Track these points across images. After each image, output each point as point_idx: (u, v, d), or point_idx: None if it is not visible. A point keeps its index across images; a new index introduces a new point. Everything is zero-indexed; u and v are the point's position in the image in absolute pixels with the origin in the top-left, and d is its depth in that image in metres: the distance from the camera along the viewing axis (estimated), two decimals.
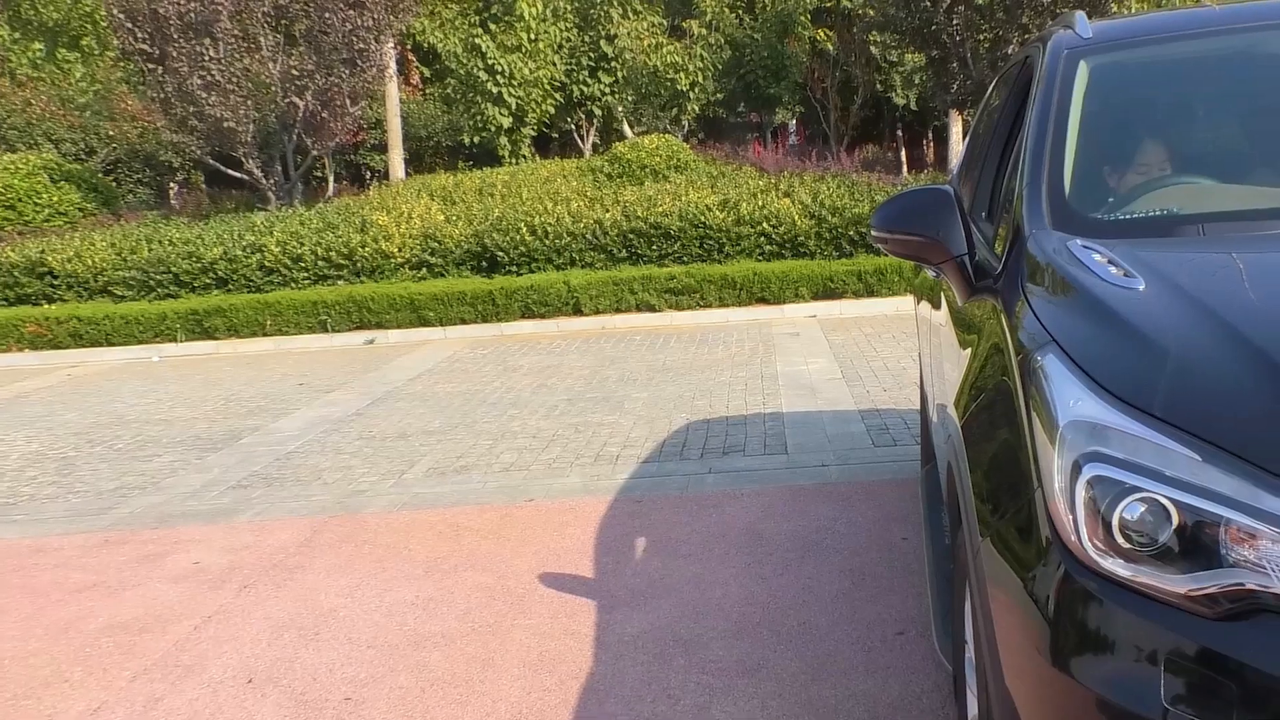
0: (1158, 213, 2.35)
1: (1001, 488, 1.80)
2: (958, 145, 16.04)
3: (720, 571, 3.97)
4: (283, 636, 3.69)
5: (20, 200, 15.10)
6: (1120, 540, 1.46)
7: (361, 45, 14.60)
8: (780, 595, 3.70)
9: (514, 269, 11.57)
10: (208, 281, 11.78)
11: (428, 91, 23.47)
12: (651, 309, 10.96)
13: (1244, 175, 2.52)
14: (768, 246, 11.35)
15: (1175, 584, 1.42)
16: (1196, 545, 1.43)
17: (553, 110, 18.98)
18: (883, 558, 4.00)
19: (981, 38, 12.80)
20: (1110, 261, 1.99)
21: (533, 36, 18.12)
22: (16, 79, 21.60)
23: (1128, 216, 2.37)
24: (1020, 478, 1.69)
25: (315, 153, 15.64)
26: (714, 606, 3.66)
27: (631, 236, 11.53)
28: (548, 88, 18.48)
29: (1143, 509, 1.46)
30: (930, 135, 23.58)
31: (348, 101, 14.96)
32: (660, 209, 11.62)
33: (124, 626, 3.89)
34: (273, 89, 14.54)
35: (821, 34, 20.04)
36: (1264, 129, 2.63)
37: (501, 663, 3.36)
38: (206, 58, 13.76)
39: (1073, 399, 1.61)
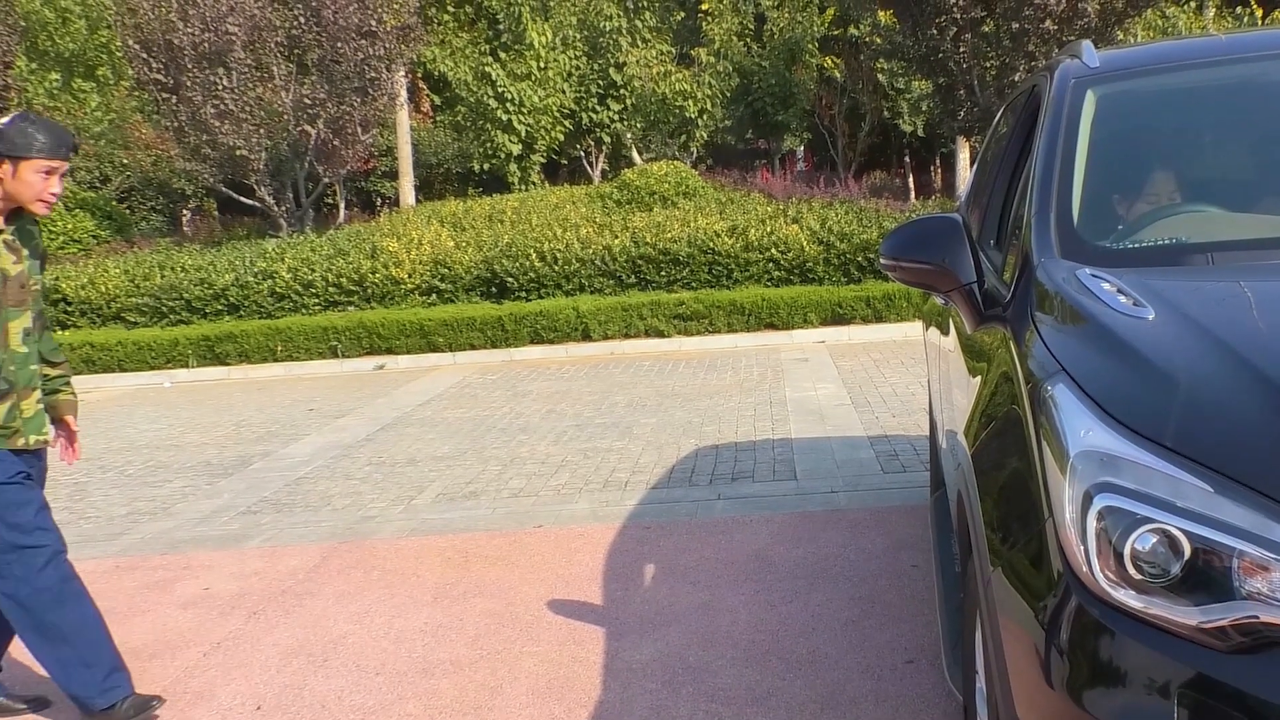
0: (1166, 241, 2.35)
1: (1012, 517, 1.80)
2: (965, 172, 16.08)
3: (729, 598, 3.96)
4: (292, 663, 3.68)
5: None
6: (1132, 571, 1.46)
7: (373, 74, 14.72)
8: (789, 623, 3.69)
9: (523, 295, 11.60)
10: (219, 308, 11.84)
11: (438, 119, 23.63)
12: (660, 335, 10.98)
13: (1252, 204, 2.52)
14: (776, 272, 11.38)
15: (1187, 616, 1.41)
16: (1208, 577, 1.42)
17: (562, 137, 19.09)
18: (892, 585, 3.98)
19: (988, 65, 12.85)
20: (1119, 290, 1.99)
21: (542, 64, 18.25)
22: (33, 108, 21.82)
23: (1136, 245, 2.37)
24: (1031, 507, 1.69)
25: (326, 180, 15.74)
26: (723, 634, 3.64)
27: (640, 262, 11.57)
28: (557, 115, 18.59)
29: (1154, 540, 1.45)
30: (938, 162, 23.64)
31: (359, 129, 15.06)
32: (669, 235, 11.66)
33: (134, 652, 3.88)
34: (285, 117, 14.65)
35: (829, 62, 20.14)
36: (1272, 157, 2.64)
37: (510, 690, 3.35)
38: (220, 87, 13.89)
39: (1083, 429, 1.61)
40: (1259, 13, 17.92)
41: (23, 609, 3.17)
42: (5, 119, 3.09)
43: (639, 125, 19.13)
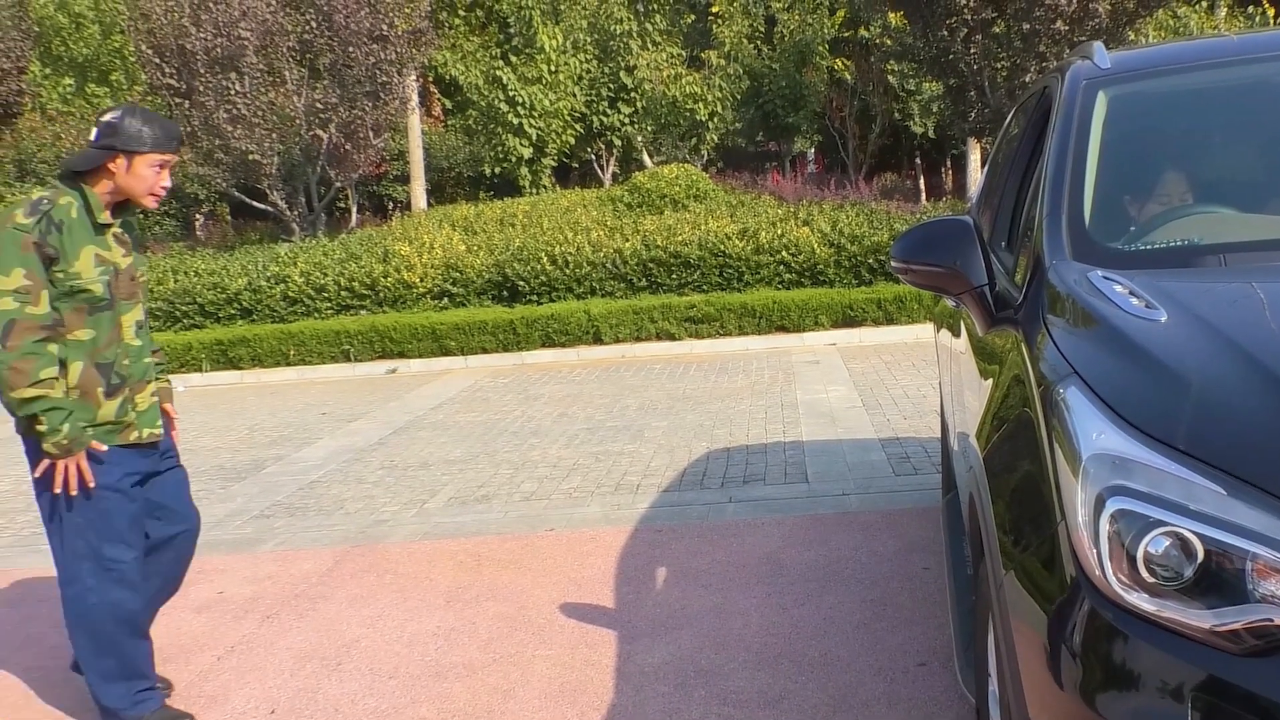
0: (1178, 243, 2.35)
1: (1024, 520, 1.80)
2: (976, 173, 16.04)
3: (741, 601, 3.96)
4: (305, 667, 3.70)
5: None
6: (1145, 574, 1.45)
7: (384, 78, 14.78)
8: (801, 625, 3.68)
9: (535, 298, 11.62)
10: (232, 312, 11.89)
11: (449, 123, 23.69)
12: (671, 338, 10.98)
13: (1265, 205, 2.51)
14: (787, 275, 11.37)
15: (1200, 619, 1.41)
16: (1222, 580, 1.42)
17: (573, 141, 19.11)
18: (904, 588, 3.97)
19: (999, 66, 12.82)
20: (1131, 292, 1.99)
21: (553, 68, 18.28)
22: (47, 114, 21.95)
23: (1148, 247, 2.37)
24: (1043, 510, 1.68)
25: (338, 184, 15.80)
26: (735, 637, 3.64)
27: (651, 265, 11.57)
28: (568, 118, 18.62)
29: (1167, 543, 1.45)
30: (949, 163, 23.57)
31: (371, 134, 15.12)
32: (680, 238, 11.66)
33: None
34: (297, 122, 14.71)
35: (839, 64, 20.11)
36: None
37: (523, 694, 3.36)
38: (232, 92, 13.96)
39: (1095, 432, 1.61)
40: (1271, 12, 17.83)
41: (83, 614, 3.18)
42: (113, 113, 3.09)
43: (649, 128, 19.14)
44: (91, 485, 3.04)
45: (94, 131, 3.09)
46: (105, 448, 3.08)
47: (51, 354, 2.97)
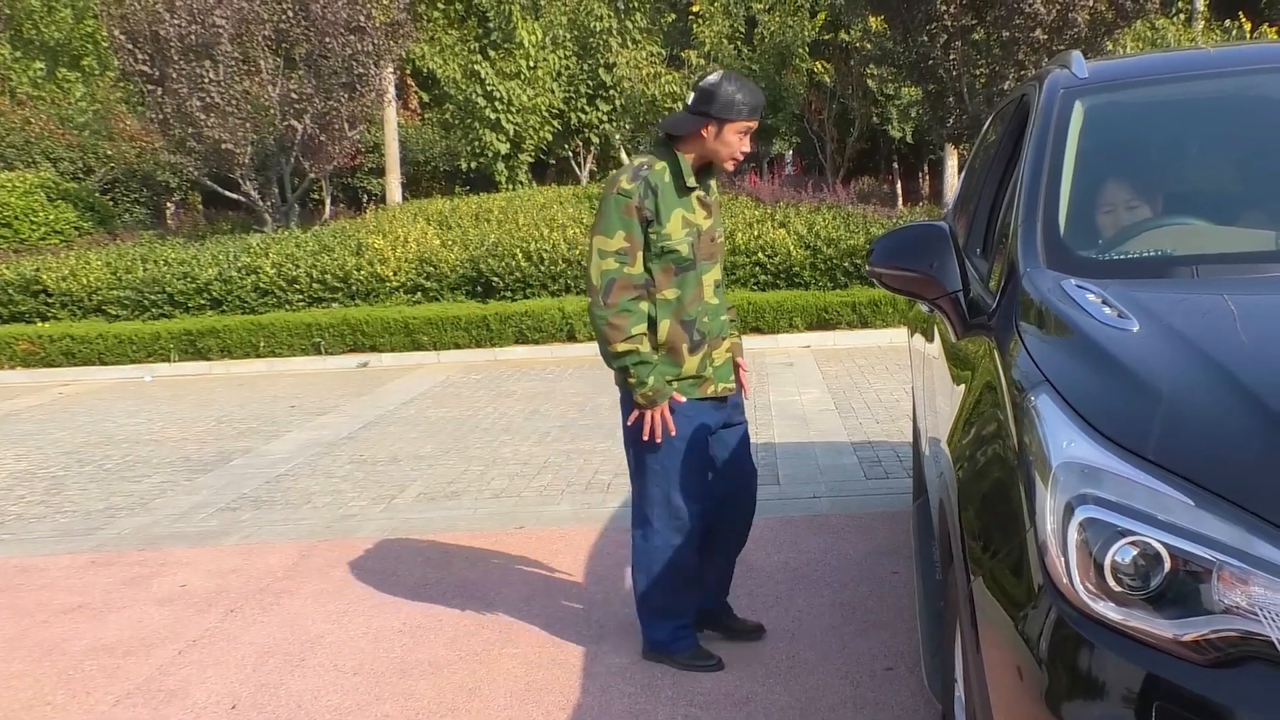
0: (1152, 253, 2.36)
1: (993, 527, 1.80)
2: (953, 179, 16.13)
3: None
4: (268, 662, 3.66)
5: (16, 218, 15.10)
6: (1112, 583, 1.46)
7: (361, 70, 14.66)
8: (770, 627, 3.68)
9: (509, 294, 11.57)
10: (202, 302, 11.76)
11: (426, 116, 23.58)
12: None
13: (1238, 217, 2.53)
14: (763, 276, 11.38)
15: (1166, 629, 1.41)
16: (1188, 590, 1.42)
17: (550, 137, 19.07)
18: (873, 592, 3.98)
19: (978, 73, 12.89)
20: (1104, 302, 2.00)
21: (532, 64, 18.23)
22: (16, 97, 21.66)
23: (1122, 257, 2.38)
24: (1012, 518, 1.68)
25: (313, 175, 15.67)
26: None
27: None
28: (546, 115, 18.57)
29: (1135, 552, 1.45)
30: (926, 168, 23.71)
31: (346, 125, 15.01)
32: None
33: (109, 649, 3.85)
34: (271, 112, 14.58)
35: (819, 66, 20.17)
36: (1258, 171, 2.65)
37: (488, 692, 3.34)
38: (206, 80, 13.81)
39: (1066, 440, 1.61)
40: (1247, 26, 18.04)
41: (646, 554, 3.36)
42: (710, 78, 3.17)
43: (628, 126, 19.12)
44: (674, 434, 3.23)
45: (690, 95, 3.22)
46: (684, 399, 3.25)
47: (643, 311, 3.17)
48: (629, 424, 3.31)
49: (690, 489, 3.31)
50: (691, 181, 3.23)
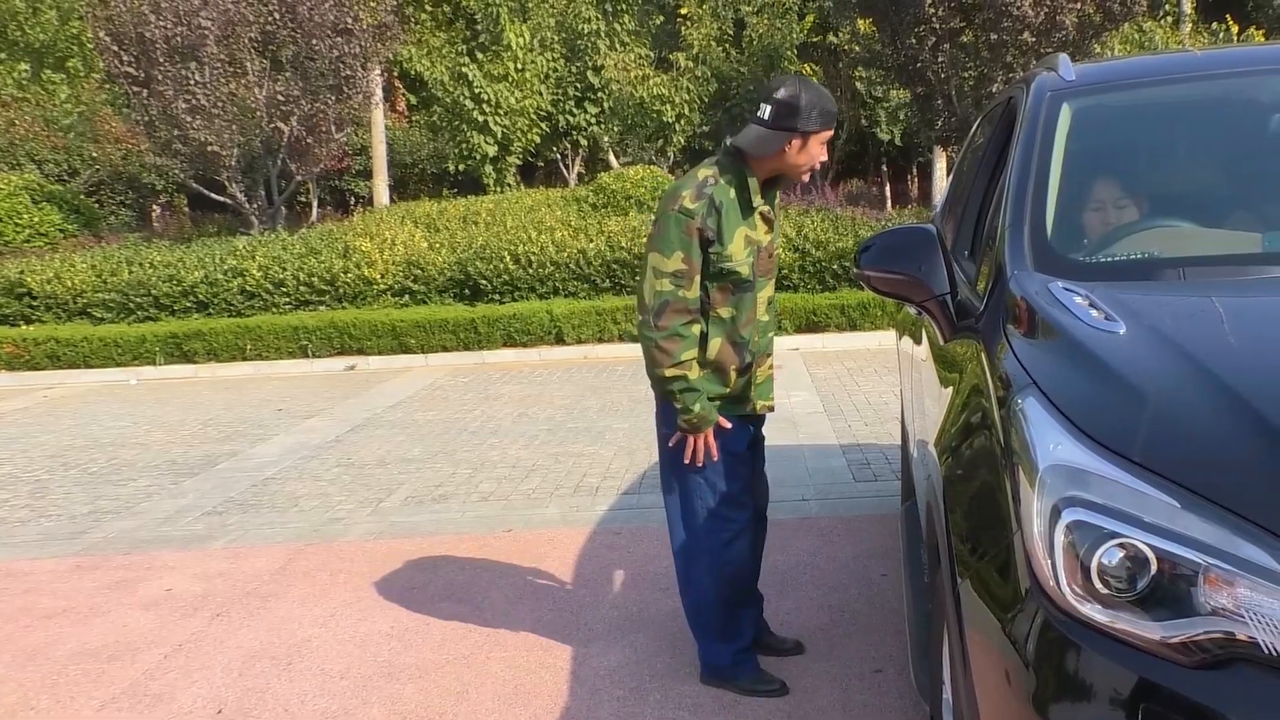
0: (1139, 256, 2.37)
1: (981, 529, 1.80)
2: (942, 181, 16.18)
3: None
4: (254, 666, 3.64)
5: (0, 221, 15.01)
6: (1099, 586, 1.46)
7: (348, 72, 14.61)
8: None
9: (497, 297, 11.55)
10: (188, 305, 11.70)
11: (413, 119, 23.53)
12: (634, 339, 10.95)
13: (1225, 220, 2.54)
14: None
15: (1152, 631, 1.41)
16: (1174, 592, 1.42)
17: (538, 139, 19.04)
18: (861, 594, 3.98)
19: (966, 75, 12.93)
20: (1091, 304, 2.00)
21: (520, 66, 18.20)
22: (1, 99, 21.53)
23: (1109, 259, 2.38)
24: (999, 520, 1.68)
25: (299, 178, 15.60)
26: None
27: (615, 266, 11.54)
28: (534, 117, 18.54)
29: (1121, 555, 1.46)
30: (915, 171, 23.77)
31: (333, 127, 14.95)
32: (644, 239, 11.62)
33: (93, 654, 3.83)
34: (258, 114, 14.51)
35: (808, 69, 20.20)
36: (1245, 174, 2.66)
37: (476, 696, 3.33)
38: (192, 82, 13.73)
39: (1053, 443, 1.61)
40: (1235, 29, 18.15)
41: (695, 577, 3.24)
42: (786, 89, 2.94)
43: (616, 129, 19.11)
44: (716, 459, 3.11)
45: (766, 110, 2.98)
46: (730, 425, 3.14)
47: (694, 336, 3.04)
48: (670, 445, 3.17)
49: (740, 499, 3.21)
50: (758, 201, 3.07)
